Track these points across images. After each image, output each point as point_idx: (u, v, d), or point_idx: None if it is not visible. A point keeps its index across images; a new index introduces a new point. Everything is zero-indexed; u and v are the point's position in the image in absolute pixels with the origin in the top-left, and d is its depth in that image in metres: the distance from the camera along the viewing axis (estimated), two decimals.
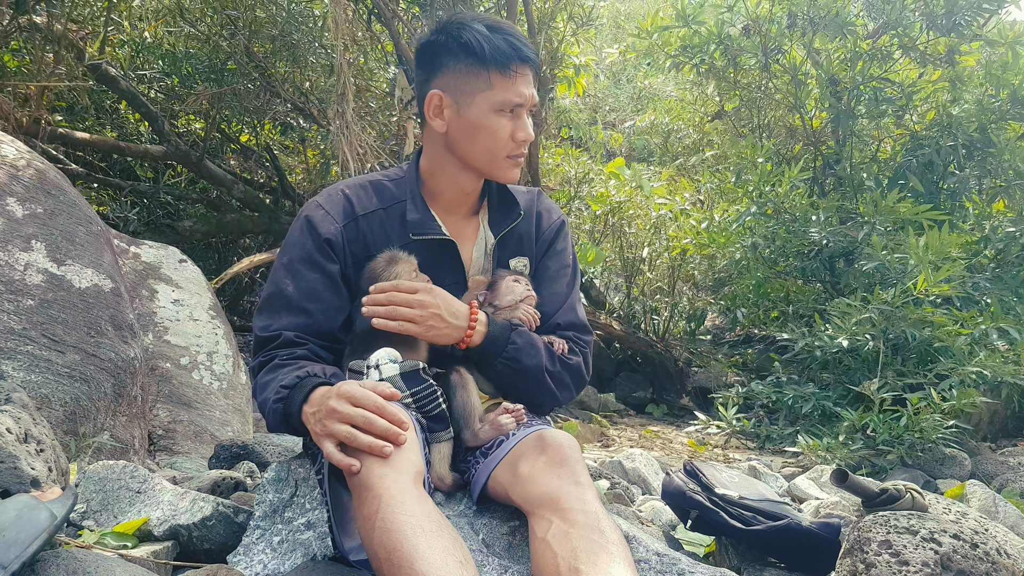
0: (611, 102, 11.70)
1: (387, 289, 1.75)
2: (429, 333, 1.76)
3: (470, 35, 1.79)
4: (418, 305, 1.74)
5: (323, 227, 1.84)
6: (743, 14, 5.90)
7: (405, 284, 1.76)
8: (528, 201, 2.06)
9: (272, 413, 1.69)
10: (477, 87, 1.81)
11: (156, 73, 5.95)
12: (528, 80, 1.84)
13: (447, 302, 1.78)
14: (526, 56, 1.81)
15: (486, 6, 6.15)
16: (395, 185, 1.95)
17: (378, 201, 1.91)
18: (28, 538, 1.27)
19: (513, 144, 1.84)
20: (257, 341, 1.82)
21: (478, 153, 1.85)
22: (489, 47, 1.77)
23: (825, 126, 6.08)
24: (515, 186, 2.07)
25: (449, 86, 1.84)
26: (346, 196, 1.90)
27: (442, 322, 1.76)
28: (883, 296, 4.38)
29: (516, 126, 1.83)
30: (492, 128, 1.82)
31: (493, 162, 1.86)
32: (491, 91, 1.80)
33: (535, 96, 1.86)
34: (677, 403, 6.75)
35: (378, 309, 1.74)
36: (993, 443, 4.81)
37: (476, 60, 1.79)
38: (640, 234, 7.34)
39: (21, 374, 2.29)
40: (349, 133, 4.47)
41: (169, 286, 3.42)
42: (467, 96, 1.82)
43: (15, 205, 2.60)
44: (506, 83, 1.80)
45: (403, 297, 1.74)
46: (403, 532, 1.34)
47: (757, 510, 2.13)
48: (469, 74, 1.81)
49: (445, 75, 1.84)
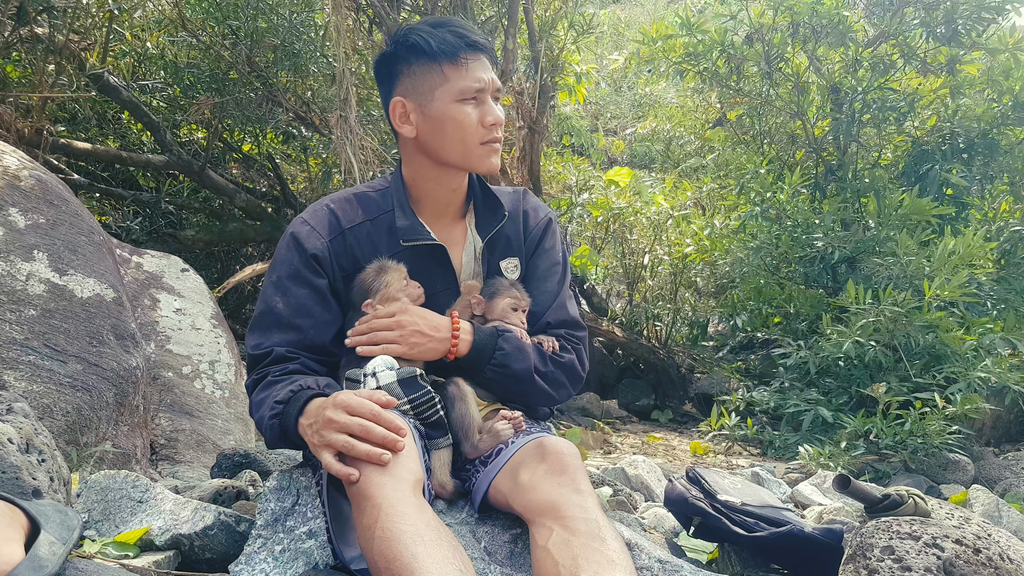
0: (612, 109, 11.72)
1: (364, 322, 1.80)
2: (414, 351, 1.77)
3: (415, 36, 1.81)
4: (396, 326, 1.76)
5: (309, 243, 1.85)
6: (746, 23, 5.93)
7: (380, 311, 1.79)
8: (513, 201, 2.06)
9: (269, 430, 1.69)
10: (434, 83, 1.82)
11: (158, 83, 5.97)
12: (483, 65, 1.85)
13: (425, 318, 1.80)
14: (473, 42, 1.83)
15: (487, 14, 6.17)
16: (380, 196, 1.95)
17: (364, 213, 1.91)
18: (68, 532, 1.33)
19: (484, 130, 1.85)
20: (250, 360, 1.84)
21: (451, 147, 1.86)
22: (435, 41, 1.80)
23: (827, 133, 6.09)
24: (500, 187, 2.08)
25: (408, 90, 1.86)
26: (331, 210, 1.91)
27: (424, 338, 1.77)
28: (894, 295, 4.36)
29: (483, 111, 1.84)
30: (458, 118, 1.83)
31: (468, 152, 1.86)
32: (448, 83, 1.81)
33: (495, 80, 1.87)
34: (680, 409, 6.74)
35: (360, 339, 1.78)
36: (997, 448, 4.80)
37: (426, 57, 1.81)
38: (641, 240, 7.34)
39: (23, 384, 2.30)
40: (353, 138, 4.48)
41: (171, 295, 3.42)
42: (427, 94, 1.83)
43: (17, 215, 2.60)
44: (460, 72, 1.81)
45: (381, 322, 1.76)
46: (403, 541, 1.34)
47: (760, 516, 2.12)
48: (423, 73, 1.83)
49: (402, 81, 1.86)
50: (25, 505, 1.28)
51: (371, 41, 5.94)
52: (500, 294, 1.93)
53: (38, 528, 1.26)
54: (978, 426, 4.63)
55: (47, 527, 1.28)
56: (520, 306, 1.94)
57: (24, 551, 1.19)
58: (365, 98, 5.86)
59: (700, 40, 5.89)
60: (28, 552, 1.19)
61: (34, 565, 1.17)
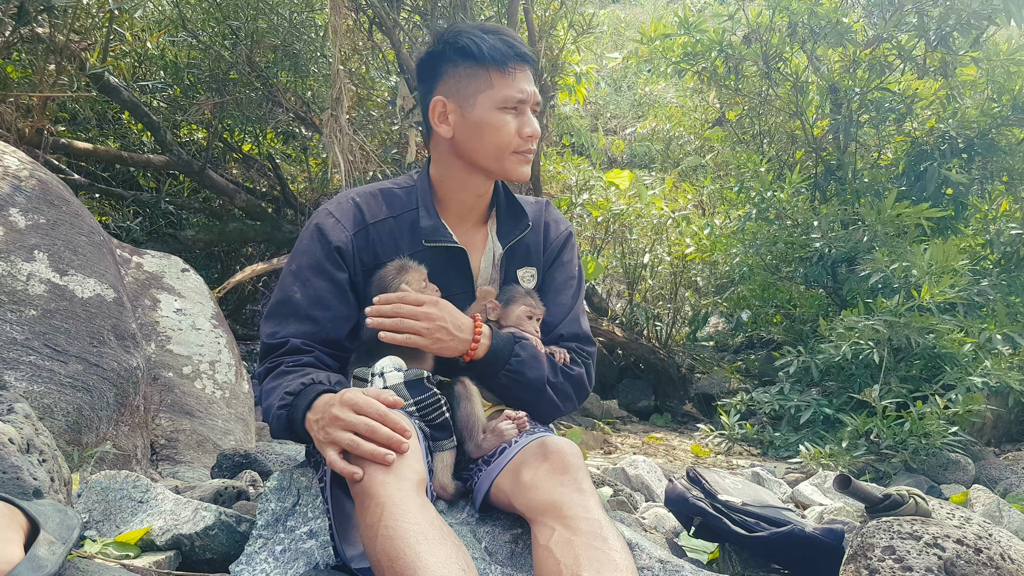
0: (612, 109, 11.72)
1: (392, 300, 1.75)
2: (435, 346, 1.76)
3: (466, 39, 1.81)
4: (424, 318, 1.73)
5: (333, 235, 1.84)
6: (744, 23, 5.93)
7: (411, 296, 1.76)
8: (536, 212, 2.06)
9: (276, 419, 1.69)
10: (478, 87, 1.82)
11: (158, 83, 5.97)
12: (528, 77, 1.85)
13: (452, 315, 1.78)
14: (523, 53, 1.83)
15: (487, 14, 6.17)
16: (405, 193, 1.95)
17: (388, 209, 1.91)
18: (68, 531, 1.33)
19: (520, 140, 1.85)
20: (264, 348, 1.82)
21: (486, 152, 1.86)
22: (486, 47, 1.80)
23: (826, 133, 6.09)
24: (523, 197, 2.08)
25: (451, 91, 1.85)
26: (356, 204, 1.90)
27: (448, 335, 1.76)
28: (886, 304, 4.37)
29: (521, 122, 1.84)
30: (497, 125, 1.83)
31: (502, 159, 1.86)
32: (492, 89, 1.82)
33: (537, 94, 1.87)
34: (680, 409, 6.74)
35: (384, 321, 1.73)
36: (997, 448, 4.80)
37: (474, 61, 1.81)
38: (641, 240, 7.34)
39: (24, 384, 2.30)
40: (342, 137, 4.49)
41: (171, 295, 3.42)
42: (469, 98, 1.83)
43: (18, 216, 2.60)
44: (505, 80, 1.81)
45: (409, 309, 1.73)
46: (406, 540, 1.34)
47: (760, 516, 2.12)
48: (469, 76, 1.83)
49: (446, 81, 1.86)
50: (24, 505, 1.28)
51: (371, 42, 5.95)
52: (516, 301, 1.93)
53: (37, 528, 1.26)
54: (979, 426, 4.63)
55: (46, 527, 1.28)
56: (535, 314, 1.94)
57: (24, 551, 1.19)
58: (365, 98, 5.86)
59: (698, 40, 5.89)
60: (28, 552, 1.19)
61: (33, 565, 1.17)
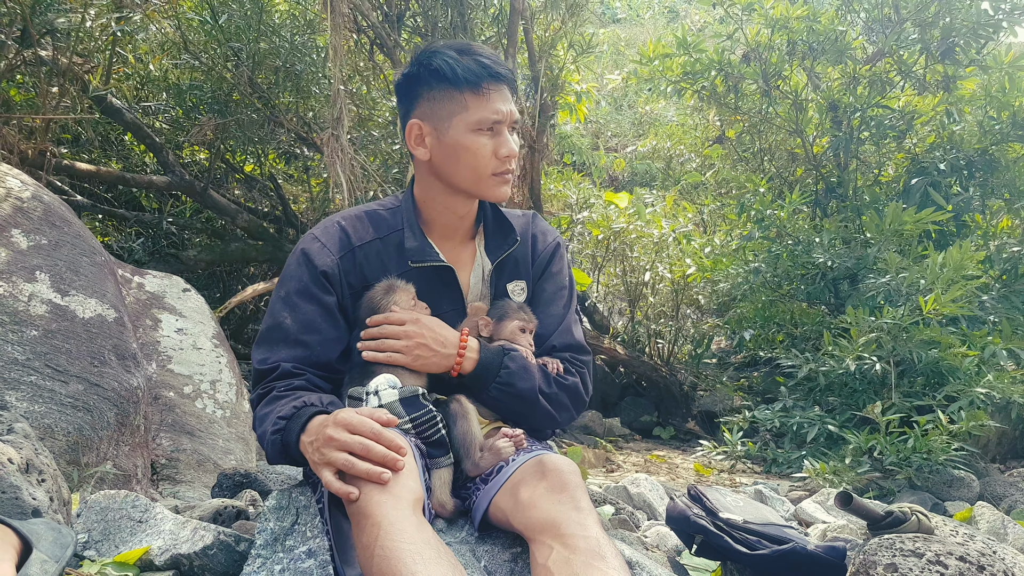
0: (613, 127, 11.77)
1: (379, 322, 1.80)
2: (416, 363, 1.78)
3: (440, 61, 1.80)
4: (404, 336, 1.77)
5: (319, 259, 1.85)
6: (743, 42, 5.97)
7: (394, 316, 1.79)
8: (523, 225, 2.07)
9: (271, 445, 1.69)
10: (453, 110, 1.82)
11: (161, 105, 6.01)
12: (503, 96, 1.84)
13: (434, 331, 1.80)
14: (497, 73, 1.82)
15: (487, 34, 6.21)
16: (391, 214, 1.95)
17: (374, 231, 1.92)
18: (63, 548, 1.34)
19: (497, 161, 1.84)
20: (256, 374, 1.83)
21: (463, 175, 1.86)
22: (460, 69, 1.79)
23: (826, 150, 6.11)
24: (510, 210, 2.08)
25: (426, 114, 1.85)
26: (342, 228, 1.91)
27: (429, 351, 1.78)
28: (892, 313, 4.35)
29: (497, 143, 1.83)
30: (473, 148, 1.82)
31: (480, 182, 1.86)
32: (466, 112, 1.81)
33: (514, 112, 1.86)
34: (683, 427, 6.71)
35: (369, 343, 1.79)
36: (1002, 464, 4.77)
37: (448, 84, 1.81)
38: (642, 258, 7.35)
39: (24, 404, 2.30)
40: (344, 156, 4.50)
41: (173, 315, 3.42)
42: (444, 120, 1.83)
43: (20, 237, 2.61)
44: (480, 102, 1.80)
45: (391, 329, 1.78)
46: (402, 560, 1.33)
47: (762, 534, 2.11)
48: (444, 98, 1.82)
49: (421, 104, 1.86)
50: (16, 524, 1.28)
51: (372, 62, 5.99)
52: (508, 316, 1.93)
53: (30, 547, 1.25)
54: (983, 443, 4.61)
55: (39, 546, 1.28)
56: (528, 328, 1.94)
57: (16, 571, 1.19)
58: (367, 118, 5.89)
59: (697, 59, 5.93)
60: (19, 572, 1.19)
61: None
